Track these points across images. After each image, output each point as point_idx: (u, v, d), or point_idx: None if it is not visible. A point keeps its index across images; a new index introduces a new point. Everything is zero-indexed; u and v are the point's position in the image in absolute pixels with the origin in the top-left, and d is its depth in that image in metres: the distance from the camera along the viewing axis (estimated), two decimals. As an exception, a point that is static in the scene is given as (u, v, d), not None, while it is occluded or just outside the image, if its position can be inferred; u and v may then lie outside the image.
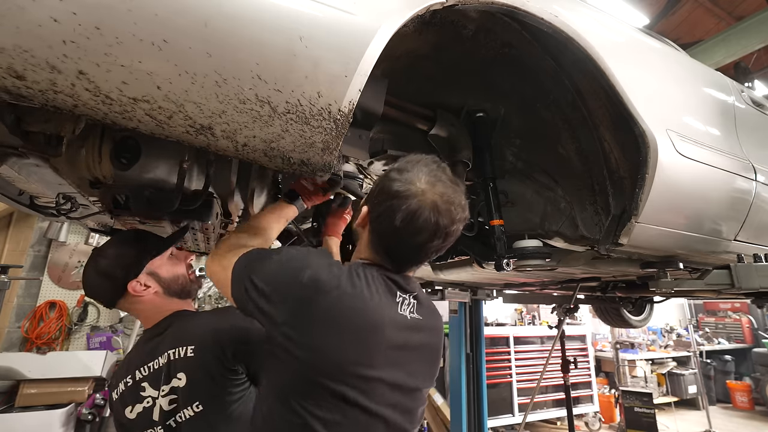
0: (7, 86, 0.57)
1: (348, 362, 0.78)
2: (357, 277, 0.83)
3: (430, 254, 0.89)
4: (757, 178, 1.56)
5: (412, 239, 0.85)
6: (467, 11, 1.10)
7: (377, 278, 0.87)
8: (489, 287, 3.71)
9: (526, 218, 1.59)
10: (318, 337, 0.78)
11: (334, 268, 0.84)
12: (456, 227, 0.87)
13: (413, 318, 0.89)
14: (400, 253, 0.90)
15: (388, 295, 0.86)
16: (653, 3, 4.69)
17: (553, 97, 1.33)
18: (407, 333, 0.86)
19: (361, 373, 0.78)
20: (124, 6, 0.59)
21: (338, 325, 0.79)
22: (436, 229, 0.84)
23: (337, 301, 0.79)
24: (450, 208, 0.85)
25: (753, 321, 8.40)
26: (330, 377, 0.77)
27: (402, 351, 0.85)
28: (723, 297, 4.20)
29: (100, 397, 3.75)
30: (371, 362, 0.80)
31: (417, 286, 0.95)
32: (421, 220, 0.83)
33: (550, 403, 5.84)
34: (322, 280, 0.80)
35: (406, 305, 0.89)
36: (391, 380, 0.82)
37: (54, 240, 4.37)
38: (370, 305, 0.81)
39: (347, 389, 0.77)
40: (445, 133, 1.38)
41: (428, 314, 0.94)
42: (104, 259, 1.13)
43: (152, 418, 1.06)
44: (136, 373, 1.11)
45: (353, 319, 0.79)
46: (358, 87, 0.76)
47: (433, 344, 0.94)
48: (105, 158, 1.01)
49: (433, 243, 0.86)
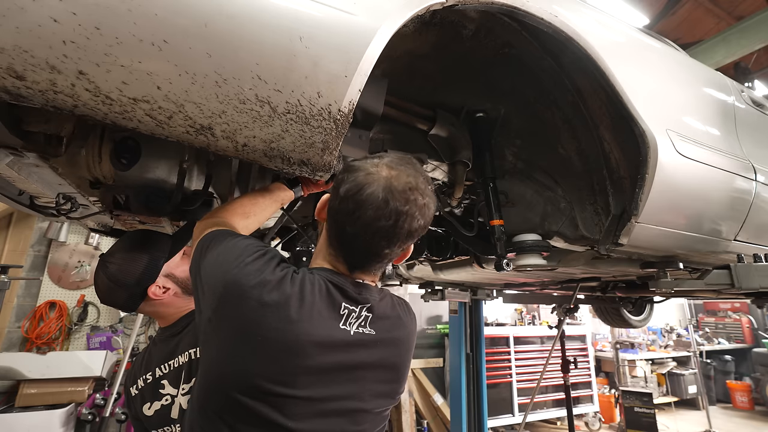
0: (7, 86, 0.57)
1: (260, 378, 0.70)
2: (288, 285, 0.74)
3: (379, 241, 0.76)
4: (757, 178, 1.56)
5: (355, 215, 0.75)
6: (467, 11, 1.10)
7: (319, 287, 0.77)
8: (489, 287, 3.72)
9: (526, 218, 1.59)
10: (232, 345, 0.72)
11: (267, 273, 0.74)
12: (411, 212, 0.75)
13: (360, 333, 0.78)
14: (347, 237, 0.78)
15: (328, 308, 0.76)
16: (653, 3, 4.69)
17: (553, 97, 1.33)
18: (345, 352, 0.76)
19: (276, 390, 0.70)
20: (124, 6, 0.59)
21: (253, 338, 0.70)
22: (382, 207, 0.73)
23: (255, 311, 0.71)
24: (406, 190, 0.75)
25: (753, 321, 8.41)
26: (243, 391, 0.70)
27: (337, 372, 0.76)
28: (723, 297, 4.20)
29: (100, 397, 3.75)
30: (289, 382, 0.71)
31: (373, 296, 0.83)
32: (365, 193, 0.74)
33: (550, 403, 5.84)
34: (245, 285, 0.72)
35: (354, 318, 0.79)
36: (320, 401, 0.74)
37: (54, 240, 4.37)
38: (292, 321, 0.71)
39: (262, 406, 0.70)
40: (445, 133, 1.38)
41: (387, 327, 0.83)
42: (115, 266, 1.10)
43: (170, 416, 1.06)
44: (156, 371, 1.11)
45: (268, 336, 0.70)
46: (358, 87, 0.76)
47: (390, 361, 0.84)
48: (105, 158, 1.01)
49: (380, 224, 0.74)
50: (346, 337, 0.77)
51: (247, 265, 0.74)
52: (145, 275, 1.11)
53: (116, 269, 1.10)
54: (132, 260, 1.11)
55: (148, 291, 1.11)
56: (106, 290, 1.11)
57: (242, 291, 0.72)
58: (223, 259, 0.76)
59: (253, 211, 1.00)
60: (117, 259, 1.11)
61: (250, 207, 1.00)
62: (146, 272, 1.11)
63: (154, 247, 1.15)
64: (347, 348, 0.77)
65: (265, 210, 1.03)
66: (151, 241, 1.17)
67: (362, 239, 0.77)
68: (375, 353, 0.81)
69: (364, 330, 0.80)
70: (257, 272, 0.74)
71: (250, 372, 0.70)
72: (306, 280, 0.76)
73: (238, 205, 0.99)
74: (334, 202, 0.80)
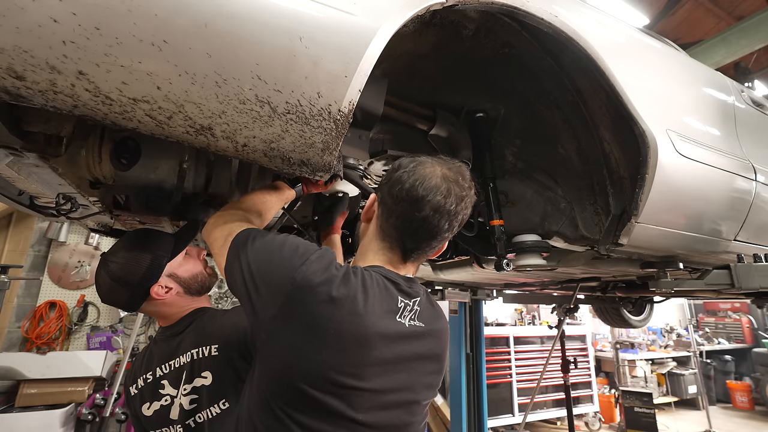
0: (7, 86, 0.57)
1: (331, 371, 0.74)
2: (354, 281, 0.78)
3: (443, 222, 0.84)
4: (757, 178, 1.55)
5: (422, 202, 0.83)
6: (467, 11, 1.10)
7: (377, 282, 0.82)
8: (489, 287, 3.72)
9: (526, 218, 1.59)
10: (302, 340, 0.74)
11: (333, 270, 0.79)
12: (466, 199, 0.87)
13: (413, 326, 0.84)
14: (409, 225, 0.85)
15: (388, 301, 0.81)
16: (653, 3, 4.69)
17: (553, 97, 1.33)
18: (403, 344, 0.81)
19: (346, 383, 0.74)
20: (124, 6, 0.59)
21: (324, 332, 0.74)
22: (447, 192, 0.83)
23: (326, 306, 0.74)
24: (458, 179, 0.86)
25: (753, 321, 8.41)
26: (312, 384, 0.73)
27: (396, 364, 0.80)
28: (723, 297, 4.20)
29: (100, 397, 3.75)
30: (358, 374, 0.75)
31: (421, 290, 0.90)
32: (433, 181, 0.84)
33: (550, 403, 5.84)
34: (315, 282, 0.75)
35: (408, 311, 0.84)
36: (383, 392, 0.78)
37: (54, 240, 4.37)
38: (360, 315, 0.76)
39: (330, 398, 0.73)
40: (445, 133, 1.38)
41: (431, 319, 0.89)
42: (118, 265, 1.10)
43: (169, 417, 1.06)
44: (156, 370, 1.11)
45: (341, 328, 0.74)
46: (358, 87, 0.76)
47: (435, 352, 0.88)
48: (105, 158, 1.01)
49: (445, 207, 0.83)
50: (403, 330, 0.82)
51: (313, 263, 0.78)
52: (148, 275, 1.10)
53: (119, 268, 1.09)
54: (135, 259, 1.10)
55: (150, 291, 1.11)
56: (108, 289, 1.11)
57: (311, 287, 0.75)
58: (286, 257, 0.79)
59: (263, 209, 1.02)
60: (119, 258, 1.11)
61: (261, 205, 1.02)
62: (149, 272, 1.11)
63: (157, 247, 1.15)
64: (405, 340, 0.82)
65: (272, 208, 1.04)
66: (154, 240, 1.16)
67: (429, 221, 0.84)
68: (425, 344, 0.86)
69: (415, 323, 0.84)
70: (323, 270, 0.77)
71: (321, 364, 0.73)
72: (366, 276, 0.81)
73: (251, 203, 1.00)
74: (395, 194, 0.86)
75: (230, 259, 0.83)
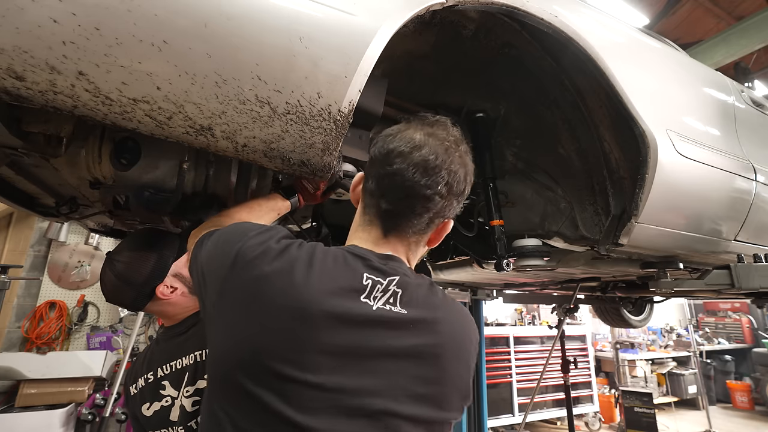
0: (7, 87, 0.57)
1: (265, 356, 0.61)
2: (294, 252, 0.67)
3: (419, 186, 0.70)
4: (757, 178, 1.56)
5: (393, 153, 0.72)
6: (467, 11, 1.10)
7: (333, 255, 0.69)
8: (489, 287, 3.72)
9: (526, 218, 1.59)
10: (234, 321, 0.64)
11: (271, 243, 0.69)
12: (450, 151, 0.73)
13: (384, 310, 0.66)
14: (381, 183, 0.73)
15: (345, 275, 0.67)
16: (653, 3, 4.69)
17: (553, 97, 1.33)
18: (368, 331, 0.64)
19: (283, 372, 0.60)
20: (124, 6, 0.59)
21: (256, 308, 0.63)
22: (422, 142, 0.72)
23: (258, 279, 0.64)
24: (436, 131, 0.75)
25: (753, 321, 8.41)
26: (247, 373, 0.61)
27: (358, 357, 0.63)
28: (723, 297, 4.20)
29: (100, 397, 3.74)
30: (298, 362, 0.60)
31: (404, 270, 0.73)
32: (407, 134, 0.73)
33: (550, 403, 5.84)
34: (249, 257, 0.66)
35: (379, 292, 0.67)
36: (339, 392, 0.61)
37: (54, 240, 4.37)
38: (296, 287, 0.63)
39: (266, 392, 0.60)
40: (445, 134, 1.38)
41: (426, 307, 0.70)
42: (123, 264, 1.09)
43: (168, 418, 1.05)
44: (158, 371, 1.10)
45: (273, 303, 0.62)
46: (358, 87, 0.76)
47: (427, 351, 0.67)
48: (105, 159, 1.01)
49: (419, 156, 0.70)
50: (367, 312, 0.65)
51: (251, 239, 0.70)
52: (153, 274, 1.10)
53: (124, 268, 1.09)
54: (140, 259, 1.10)
55: (156, 290, 1.11)
56: (113, 289, 1.10)
57: (245, 263, 0.66)
58: (227, 239, 0.72)
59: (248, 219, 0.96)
60: (125, 257, 1.11)
61: (246, 215, 0.98)
62: (155, 271, 1.10)
63: (163, 246, 1.15)
64: (367, 325, 0.64)
65: (260, 219, 1.00)
66: (160, 239, 1.16)
67: (402, 174, 0.70)
68: (407, 337, 0.66)
69: (392, 308, 0.67)
70: (260, 244, 0.69)
71: (254, 347, 0.62)
72: (317, 248, 0.70)
73: (234, 213, 0.97)
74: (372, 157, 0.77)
75: (191, 260, 0.79)
